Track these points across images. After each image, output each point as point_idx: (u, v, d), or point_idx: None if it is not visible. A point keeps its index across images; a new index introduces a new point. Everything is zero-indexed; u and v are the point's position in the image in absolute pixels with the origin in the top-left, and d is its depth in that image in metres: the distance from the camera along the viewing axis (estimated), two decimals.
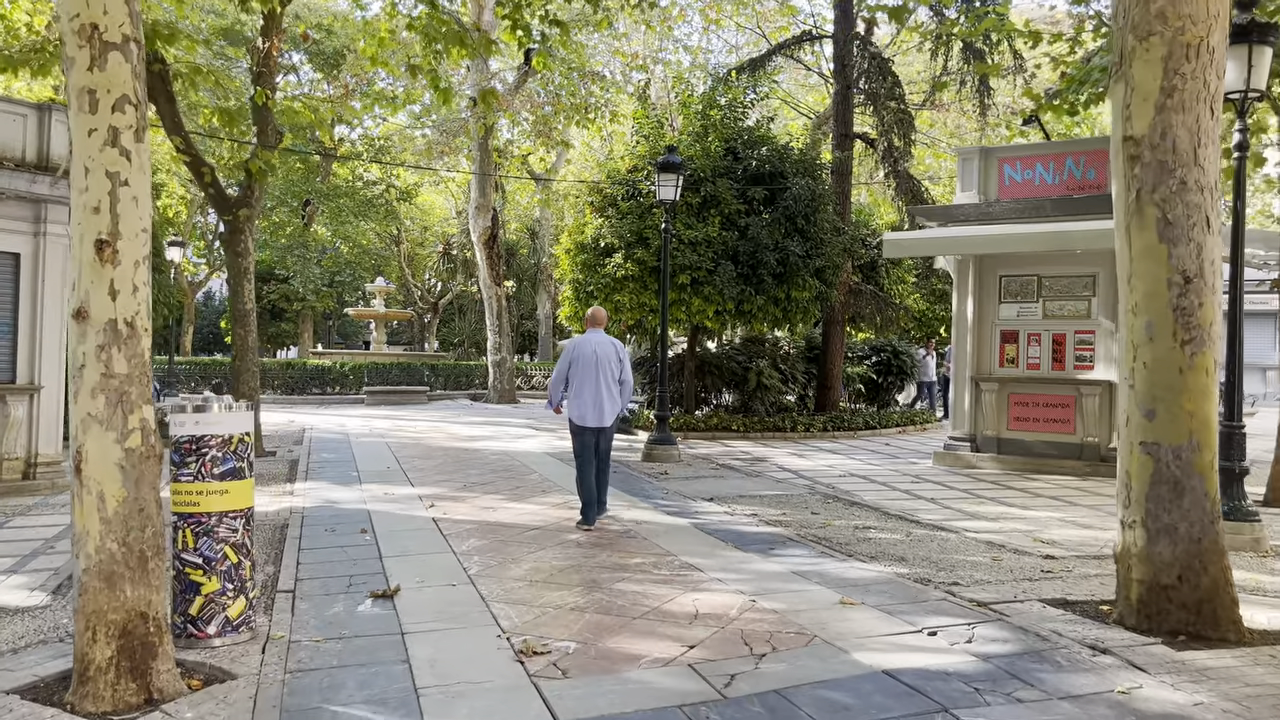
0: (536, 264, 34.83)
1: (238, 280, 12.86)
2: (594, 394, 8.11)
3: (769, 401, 17.18)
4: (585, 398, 8.12)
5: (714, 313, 15.41)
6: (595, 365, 8.11)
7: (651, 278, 15.13)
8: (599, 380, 8.10)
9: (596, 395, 8.11)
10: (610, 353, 8.21)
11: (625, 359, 8.35)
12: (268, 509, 8.98)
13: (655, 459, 12.62)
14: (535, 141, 23.63)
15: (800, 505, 9.39)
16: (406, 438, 15.75)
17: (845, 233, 16.67)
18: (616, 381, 8.21)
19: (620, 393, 8.27)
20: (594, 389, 8.10)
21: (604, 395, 8.13)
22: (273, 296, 40.12)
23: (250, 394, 12.94)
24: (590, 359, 8.13)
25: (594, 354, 8.14)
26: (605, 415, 8.18)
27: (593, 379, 8.11)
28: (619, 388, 8.24)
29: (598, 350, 8.16)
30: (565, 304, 16.47)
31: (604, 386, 8.12)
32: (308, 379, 25.10)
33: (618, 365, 8.21)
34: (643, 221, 15.24)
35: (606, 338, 8.34)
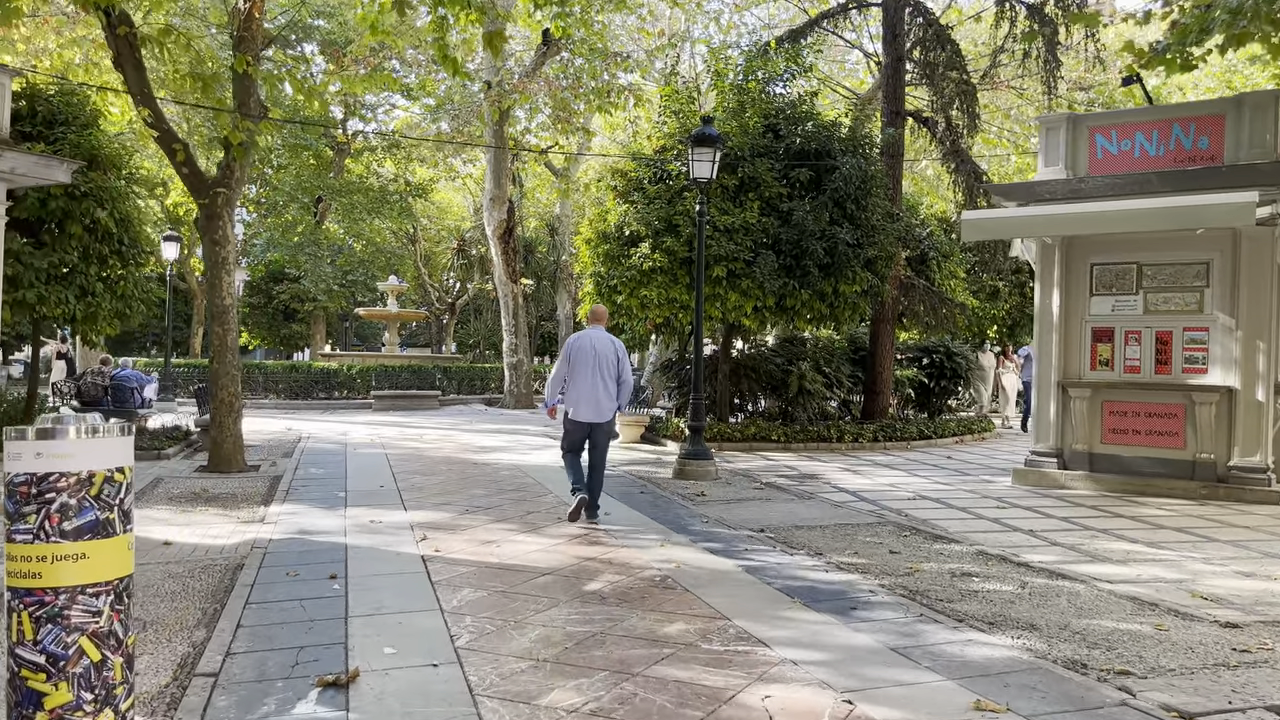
0: (556, 261, 33.27)
1: (215, 272, 11.33)
2: (591, 390, 8.09)
3: (812, 408, 15.47)
4: (582, 393, 8.10)
5: (752, 309, 13.74)
6: (594, 361, 8.09)
7: (682, 270, 13.48)
8: (596, 377, 8.08)
9: (594, 391, 8.09)
10: (609, 350, 8.18)
11: (624, 357, 8.30)
12: (226, 542, 7.41)
13: (689, 476, 10.96)
14: (554, 129, 22.01)
15: (872, 539, 7.69)
16: (410, 448, 14.17)
17: (900, 219, 14.96)
18: (614, 380, 8.16)
19: (618, 392, 8.22)
20: (591, 385, 8.08)
21: (601, 392, 8.10)
22: (284, 297, 38.82)
23: (230, 400, 11.41)
24: (589, 355, 8.11)
25: (593, 350, 8.13)
26: (602, 411, 8.14)
27: (590, 375, 8.08)
28: (616, 386, 8.19)
29: (596, 346, 8.15)
30: (586, 300, 14.85)
31: (601, 383, 8.09)
32: (313, 383, 23.65)
33: (615, 363, 8.17)
34: (672, 207, 13.59)
35: (606, 335, 8.32)
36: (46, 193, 11.66)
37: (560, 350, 9.15)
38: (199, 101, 10.14)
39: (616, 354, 8.25)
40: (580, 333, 8.45)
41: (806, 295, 13.58)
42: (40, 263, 11.75)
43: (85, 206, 11.99)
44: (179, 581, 6.24)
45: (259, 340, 42.89)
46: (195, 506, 8.94)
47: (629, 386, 8.31)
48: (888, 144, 15.46)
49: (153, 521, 8.17)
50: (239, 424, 11.52)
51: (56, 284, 12.00)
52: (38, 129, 12.33)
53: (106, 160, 12.64)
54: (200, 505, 9.01)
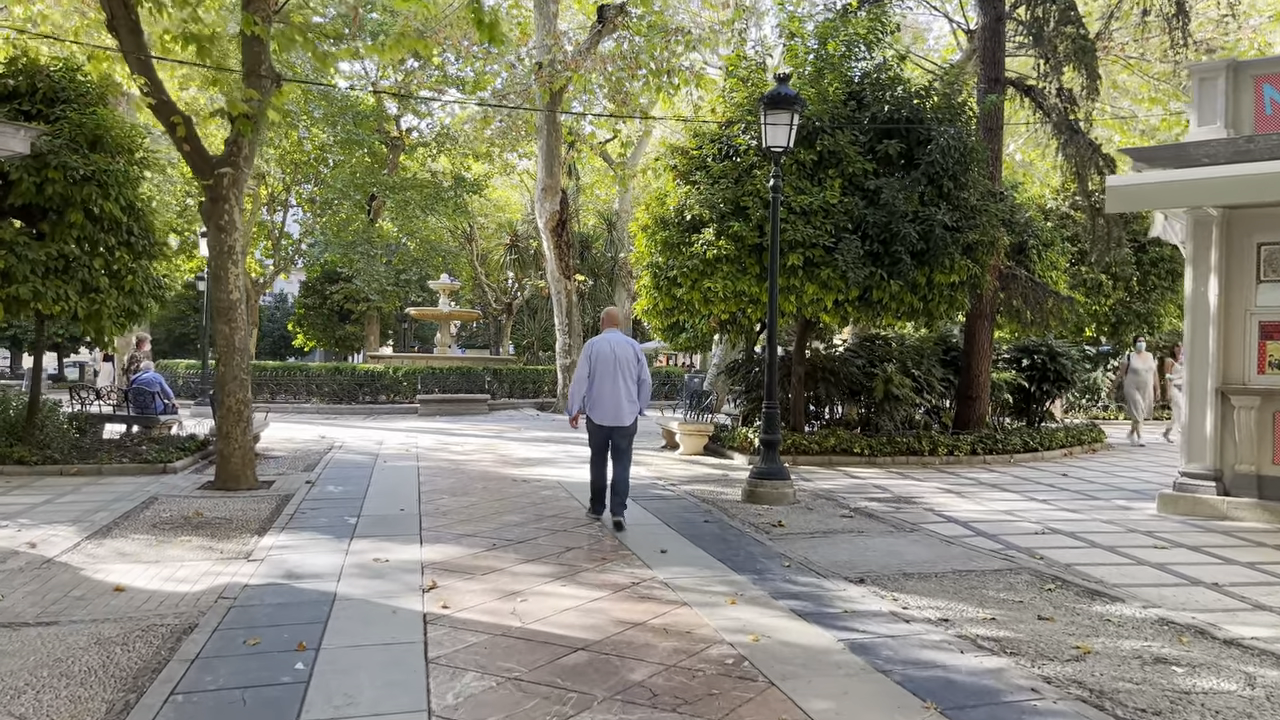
0: (614, 258, 31.74)
1: (220, 263, 9.98)
2: (612, 394, 8.05)
3: (898, 417, 13.62)
4: (604, 397, 8.07)
5: (833, 303, 11.97)
6: (614, 365, 8.04)
7: (751, 259, 11.77)
8: (618, 380, 8.04)
9: (615, 395, 8.05)
10: (629, 353, 8.16)
11: (643, 359, 8.26)
12: (191, 589, 5.95)
13: (762, 500, 9.26)
14: (610, 115, 20.46)
15: (1008, 595, 5.92)
16: (446, 460, 12.71)
17: (1004, 198, 13.05)
18: (635, 382, 8.15)
19: (639, 393, 8.19)
20: (613, 388, 8.04)
21: (622, 395, 8.07)
22: (337, 297, 38.01)
23: (238, 408, 10.05)
24: (609, 359, 8.06)
25: (612, 354, 8.08)
26: (624, 415, 8.10)
27: (611, 379, 8.04)
28: (638, 388, 8.17)
29: (616, 350, 8.10)
30: (642, 294, 13.23)
31: (623, 386, 8.06)
32: (357, 386, 22.45)
33: (636, 365, 8.15)
34: (740, 187, 11.89)
35: (624, 337, 8.30)
36: (43, 176, 10.47)
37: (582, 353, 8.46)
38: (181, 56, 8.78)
39: (636, 356, 8.21)
40: (598, 337, 8.36)
41: (896, 287, 11.76)
42: (37, 254, 10.56)
43: (87, 192, 10.76)
44: (103, 652, 4.77)
45: (314, 341, 42.26)
46: (178, 536, 7.54)
47: (648, 387, 8.28)
48: (988, 112, 13.53)
49: (117, 557, 6.78)
50: (248, 435, 10.16)
51: (55, 278, 10.80)
52: (38, 107, 11.17)
53: (114, 142, 11.43)
54: (185, 534, 7.61)
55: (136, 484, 10.14)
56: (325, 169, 35.27)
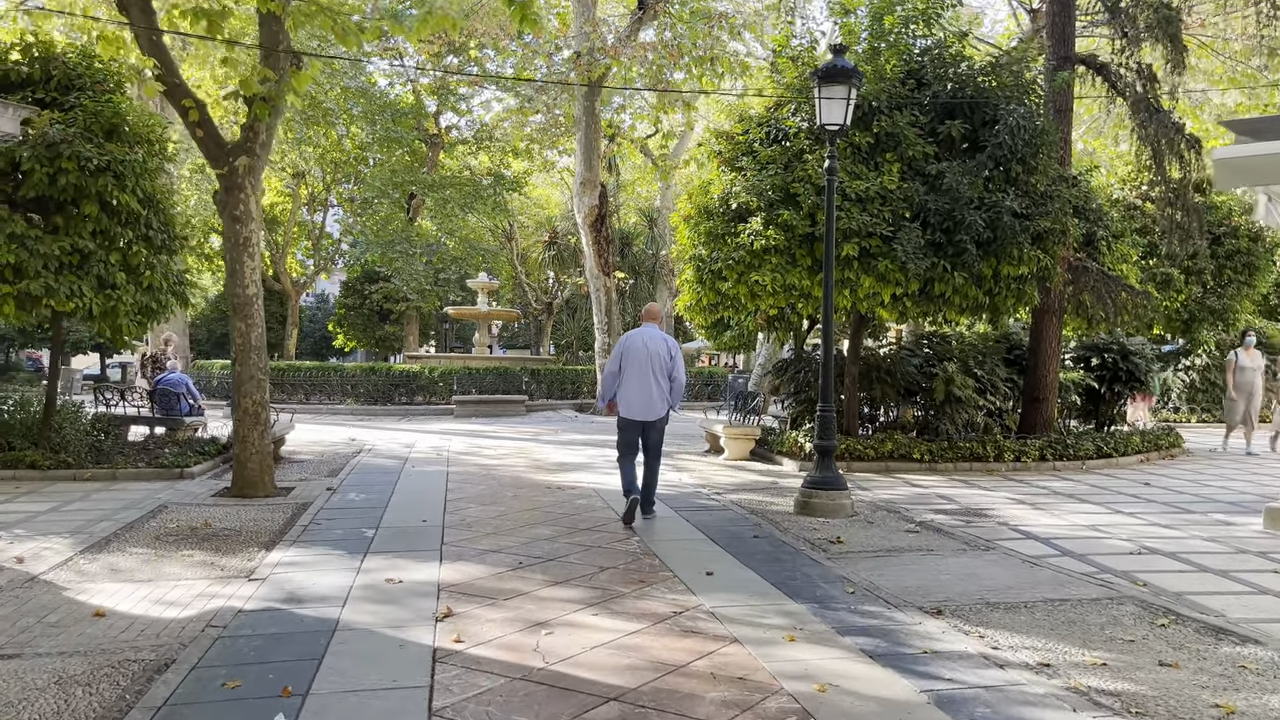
0: (655, 255, 30.97)
1: (236, 255, 9.39)
2: (642, 388, 7.99)
3: (960, 420, 12.68)
4: (633, 391, 8.02)
5: (890, 297, 11.09)
6: (646, 359, 7.99)
7: (802, 249, 10.94)
8: (648, 374, 7.98)
9: (645, 389, 7.99)
10: (661, 347, 8.07)
11: (676, 354, 8.15)
12: (179, 614, 5.30)
13: (817, 512, 8.43)
14: (650, 107, 19.69)
15: (1114, 631, 5.05)
16: (477, 466, 12.03)
17: (1076, 183, 12.07)
18: (666, 377, 8.06)
19: (671, 389, 8.11)
20: (643, 383, 7.99)
21: (653, 389, 8.00)
22: (376, 297, 37.70)
23: (256, 410, 9.46)
24: (641, 352, 8.01)
25: (644, 348, 8.03)
26: (654, 409, 8.03)
27: (642, 373, 7.99)
28: (669, 383, 8.08)
29: (648, 344, 8.05)
30: (684, 289, 12.43)
31: (653, 381, 7.99)
32: (392, 386, 21.93)
33: (668, 360, 8.06)
34: (790, 172, 11.06)
35: (658, 332, 8.24)
36: (56, 167, 9.96)
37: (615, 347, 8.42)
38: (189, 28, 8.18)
39: (669, 351, 8.10)
40: (632, 331, 8.32)
41: (960, 279, 10.85)
42: (49, 249, 10.04)
43: (102, 183, 10.22)
44: (62, 694, 4.12)
45: (354, 342, 42.02)
46: (180, 550, 6.92)
47: (681, 384, 8.16)
48: (1058, 91, 12.53)
49: (109, 575, 6.16)
50: (265, 438, 9.56)
51: (69, 274, 10.29)
52: (52, 95, 10.68)
53: (131, 131, 10.92)
54: (188, 547, 7.00)
55: (149, 490, 9.59)
56: (365, 168, 34.97)
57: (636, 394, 7.99)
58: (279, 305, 42.14)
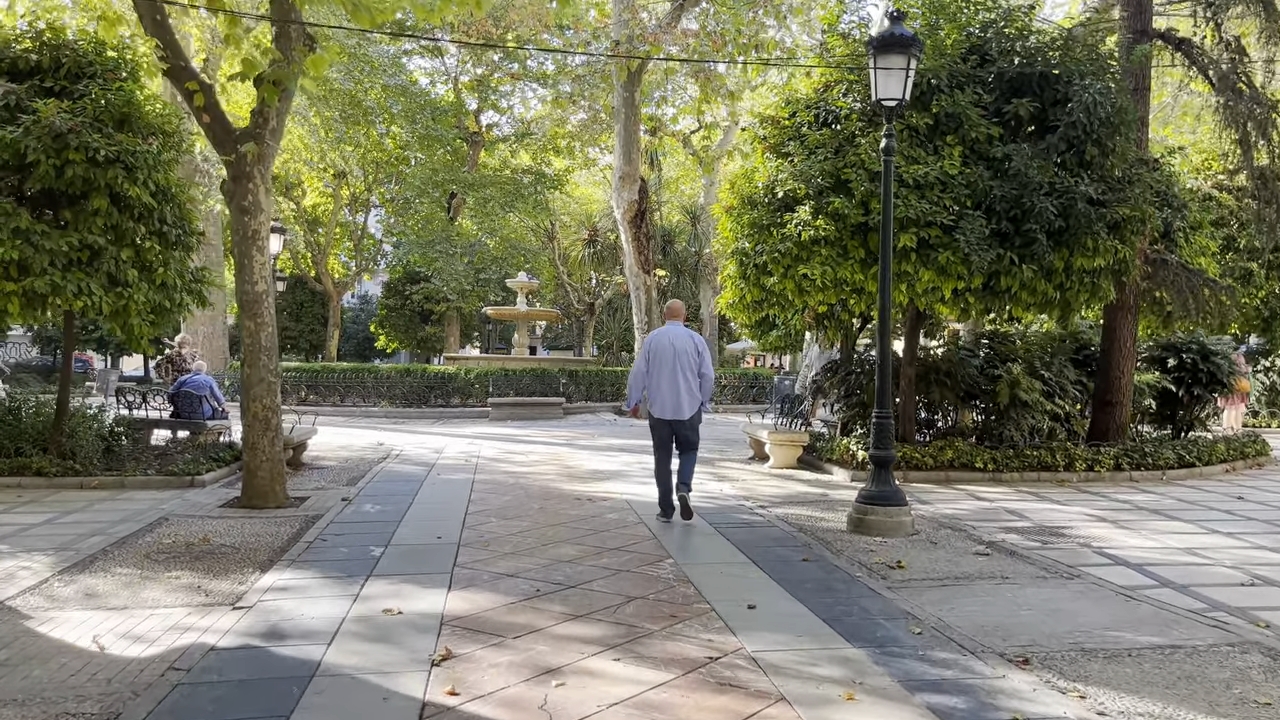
0: (698, 253, 30.14)
1: (245, 249, 8.79)
2: (671, 387, 7.90)
3: (1026, 425, 11.69)
4: (663, 391, 7.93)
5: (951, 292, 10.18)
6: (673, 358, 7.89)
7: (855, 240, 10.07)
8: (677, 373, 7.89)
9: (674, 388, 7.89)
10: (688, 344, 7.99)
11: (704, 351, 8.06)
12: (144, 652, 4.64)
13: (873, 530, 7.57)
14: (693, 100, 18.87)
15: (1249, 691, 4.15)
16: (505, 473, 11.34)
17: (1158, 167, 11.05)
18: (695, 374, 7.97)
19: (700, 386, 8.01)
20: (671, 382, 7.90)
21: (681, 388, 7.90)
22: (417, 297, 37.36)
23: (266, 415, 8.85)
24: (668, 351, 7.93)
25: (671, 346, 7.94)
26: (683, 408, 7.93)
27: (670, 372, 7.90)
28: (698, 381, 7.99)
29: (675, 343, 7.96)
30: (727, 286, 11.60)
31: (682, 379, 7.90)
32: (427, 388, 21.38)
33: (696, 358, 7.97)
34: (841, 157, 10.20)
35: (685, 330, 8.14)
36: (64, 158, 9.46)
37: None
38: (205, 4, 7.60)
39: (697, 349, 8.01)
40: (659, 329, 8.20)
41: (1028, 273, 9.90)
42: (56, 244, 9.54)
43: (112, 175, 9.71)
44: None
45: (396, 343, 41.77)
46: (169, 570, 6.29)
47: (710, 380, 8.09)
48: (1137, 65, 11.48)
49: (81, 601, 5.54)
50: (276, 445, 8.94)
51: (78, 270, 9.78)
52: (61, 84, 10.20)
53: (144, 121, 10.41)
54: (178, 568, 6.37)
55: (154, 500, 9.03)
56: (406, 168, 34.63)
57: (667, 393, 7.92)
58: (321, 306, 42.08)
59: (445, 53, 36.45)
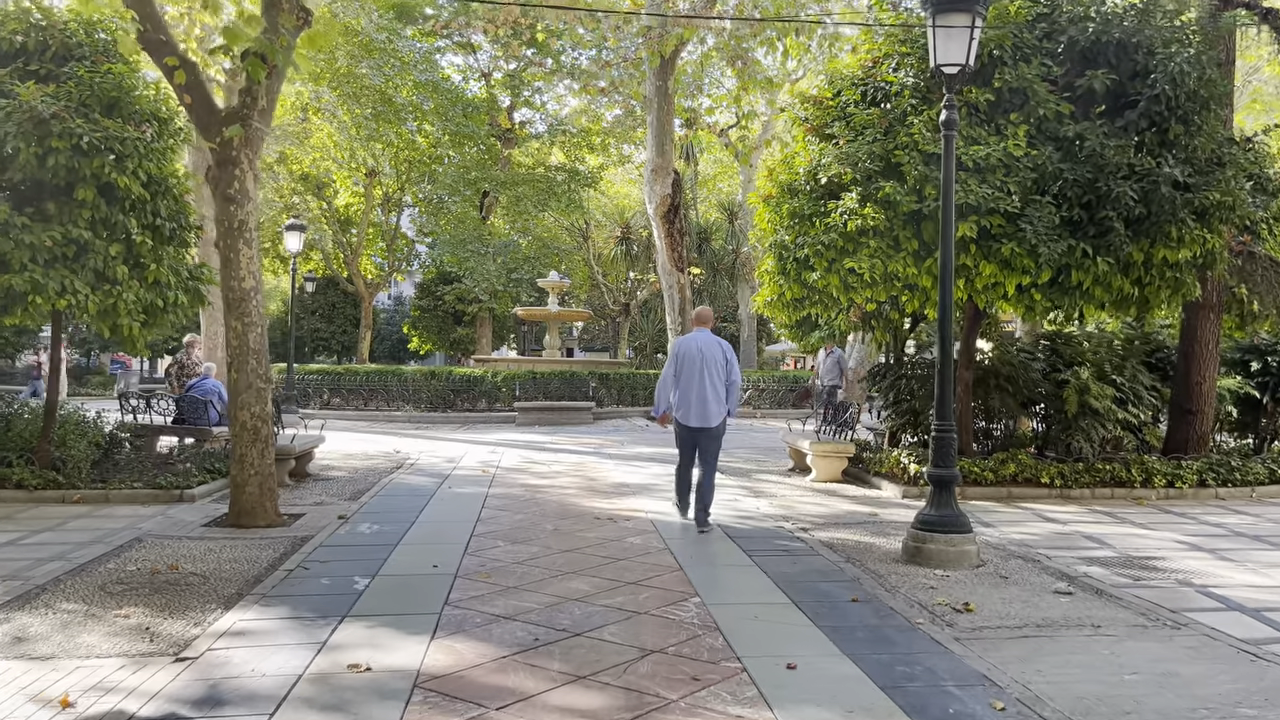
0: (735, 251, 29.12)
1: (230, 242, 8.00)
2: (699, 394, 7.79)
3: (1096, 436, 10.56)
4: (690, 398, 7.83)
5: (1015, 288, 9.12)
6: (701, 365, 7.78)
7: (906, 230, 9.04)
8: (704, 380, 7.77)
9: (701, 395, 7.78)
10: (716, 353, 7.87)
11: (732, 359, 7.97)
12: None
13: (931, 560, 6.56)
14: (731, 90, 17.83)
15: None
16: (523, 487, 10.45)
17: (1251, 146, 9.88)
18: (723, 382, 7.85)
19: (728, 395, 7.91)
20: (699, 389, 7.78)
21: (709, 395, 7.79)
22: (449, 298, 36.72)
23: (255, 425, 8.04)
24: (695, 358, 7.82)
25: (699, 353, 7.82)
26: (710, 416, 7.81)
27: (698, 379, 7.78)
28: (726, 389, 7.88)
29: (703, 350, 7.85)
30: (764, 282, 10.60)
31: (709, 387, 7.78)
32: (452, 392, 20.59)
33: (724, 366, 7.87)
34: (891, 139, 9.18)
35: (713, 337, 8.02)
36: (46, 146, 8.74)
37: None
38: None
39: (725, 356, 7.93)
40: (686, 336, 8.14)
41: (1103, 266, 8.80)
42: (38, 239, 8.82)
43: (98, 164, 8.98)
44: None
45: (429, 345, 41.21)
46: (120, 606, 5.48)
47: (738, 389, 8.05)
48: (1226, 31, 10.31)
49: (4, 647, 4.73)
50: (267, 458, 8.13)
51: (61, 266, 9.06)
52: (47, 67, 9.50)
53: (136, 107, 9.69)
54: (131, 603, 5.55)
55: (135, 517, 8.27)
56: (439, 167, 34.01)
57: (694, 401, 7.80)
58: (353, 307, 41.63)
59: (478, 48, 35.82)
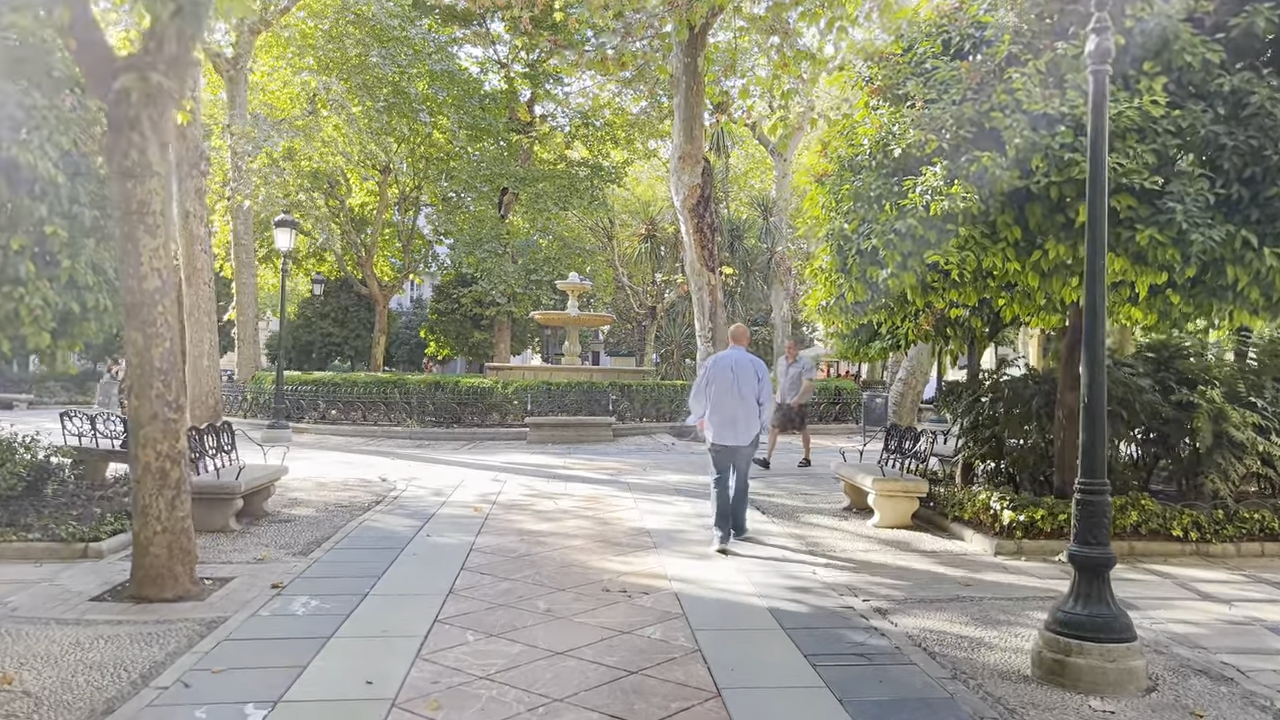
0: (770, 250, 27.05)
1: (129, 229, 6.11)
2: (730, 413, 7.80)
3: (1235, 473, 8.42)
4: (722, 416, 7.83)
5: (1149, 290, 7.04)
6: (734, 384, 7.81)
7: (1007, 213, 7.00)
8: (737, 398, 7.79)
9: (733, 414, 7.80)
10: (749, 371, 7.87)
11: (764, 377, 7.95)
12: None
13: (1082, 682, 4.51)
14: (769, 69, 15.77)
15: None
16: (519, 534, 8.47)
17: None
18: (755, 401, 7.84)
19: (761, 412, 7.90)
20: (730, 407, 7.79)
21: (739, 414, 7.80)
22: (467, 301, 34.93)
23: (162, 466, 6.16)
24: (728, 377, 7.84)
25: (732, 372, 7.84)
26: (741, 434, 7.82)
27: (730, 397, 7.80)
28: (758, 407, 7.87)
29: (736, 369, 7.85)
30: (818, 281, 8.56)
31: (741, 405, 7.78)
32: (459, 405, 18.67)
33: (756, 385, 7.85)
34: (984, 98, 7.14)
35: (747, 355, 8.02)
36: None
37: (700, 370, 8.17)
38: None
39: (757, 374, 7.88)
40: (720, 353, 8.15)
41: (1273, 259, 6.69)
42: None
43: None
44: None
45: (447, 349, 39.48)
46: None
47: (770, 410, 8.04)
48: None
49: None
50: (180, 510, 6.23)
51: None
52: None
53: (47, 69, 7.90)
54: None
55: (13, 584, 6.40)
56: (456, 164, 32.27)
57: (726, 419, 7.82)
58: (367, 311, 39.96)
59: (496, 38, 34.02)
